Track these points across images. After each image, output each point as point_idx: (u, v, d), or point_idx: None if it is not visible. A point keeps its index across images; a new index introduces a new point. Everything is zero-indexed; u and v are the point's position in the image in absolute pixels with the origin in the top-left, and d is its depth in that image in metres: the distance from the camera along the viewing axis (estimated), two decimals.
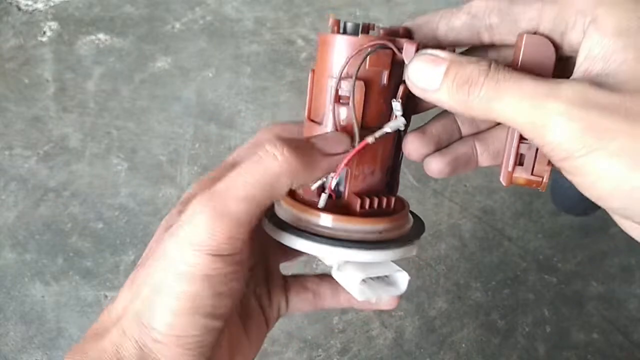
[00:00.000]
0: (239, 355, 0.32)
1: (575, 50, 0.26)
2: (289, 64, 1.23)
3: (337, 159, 0.27)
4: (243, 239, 0.25)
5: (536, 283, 0.96)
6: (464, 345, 0.90)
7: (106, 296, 0.93)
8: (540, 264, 0.98)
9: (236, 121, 1.14)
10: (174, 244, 0.25)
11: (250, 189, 0.25)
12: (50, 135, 1.10)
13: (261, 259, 0.35)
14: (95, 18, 1.28)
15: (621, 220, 0.26)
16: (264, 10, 1.32)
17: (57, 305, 0.92)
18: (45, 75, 1.19)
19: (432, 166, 0.30)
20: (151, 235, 0.31)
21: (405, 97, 0.29)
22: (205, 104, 1.16)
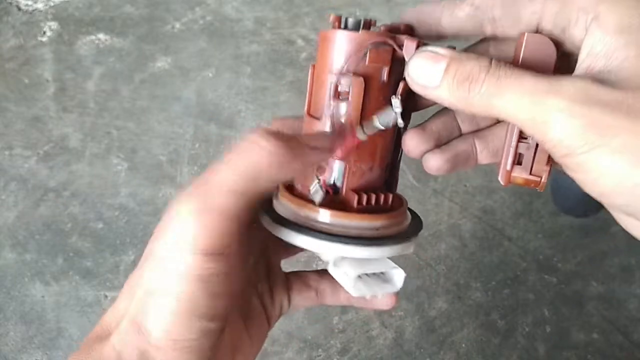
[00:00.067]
0: (240, 355, 0.31)
1: (577, 46, 0.26)
2: (289, 64, 1.23)
3: (324, 151, 0.27)
4: (232, 234, 0.24)
5: (536, 283, 0.96)
6: (464, 345, 0.90)
7: (106, 296, 0.93)
8: (540, 264, 0.98)
9: (236, 121, 1.14)
10: (161, 243, 0.24)
11: (236, 180, 0.24)
12: (50, 135, 1.10)
13: (262, 256, 0.35)
14: (95, 18, 1.28)
15: (622, 218, 0.26)
16: (264, 10, 1.32)
17: (57, 305, 0.91)
18: (45, 75, 1.19)
19: (431, 163, 0.30)
20: (151, 235, 0.31)
21: (406, 94, 0.29)
22: (205, 104, 1.16)
